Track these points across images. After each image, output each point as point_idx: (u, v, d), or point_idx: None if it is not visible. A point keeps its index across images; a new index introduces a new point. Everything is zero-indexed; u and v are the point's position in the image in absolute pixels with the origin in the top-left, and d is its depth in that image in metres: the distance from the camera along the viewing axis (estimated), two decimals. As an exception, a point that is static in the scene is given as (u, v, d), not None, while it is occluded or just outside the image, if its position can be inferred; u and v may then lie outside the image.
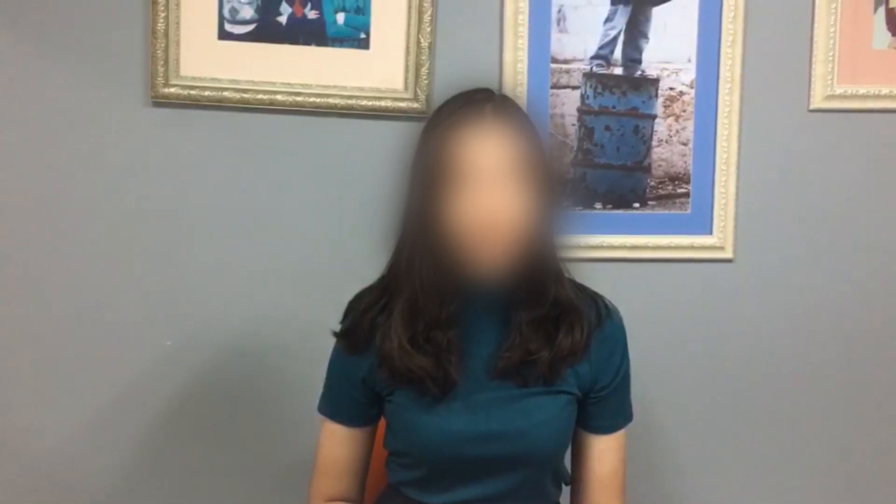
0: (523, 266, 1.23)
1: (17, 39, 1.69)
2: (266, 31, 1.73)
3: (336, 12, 1.74)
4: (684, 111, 1.83)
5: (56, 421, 1.75)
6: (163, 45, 1.69)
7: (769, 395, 1.89)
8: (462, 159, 1.20)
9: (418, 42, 1.75)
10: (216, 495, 1.80)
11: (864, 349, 1.90)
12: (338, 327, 1.35)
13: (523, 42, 1.78)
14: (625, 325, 1.35)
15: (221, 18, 1.72)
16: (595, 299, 1.33)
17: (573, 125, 1.82)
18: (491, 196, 1.19)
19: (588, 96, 1.81)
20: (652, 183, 1.84)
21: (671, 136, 1.83)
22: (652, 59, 1.82)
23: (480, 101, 1.24)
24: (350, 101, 1.75)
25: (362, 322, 1.30)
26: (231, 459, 1.79)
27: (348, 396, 1.33)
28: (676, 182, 1.84)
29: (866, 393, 1.90)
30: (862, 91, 1.84)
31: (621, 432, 1.35)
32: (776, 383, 1.89)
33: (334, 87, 1.75)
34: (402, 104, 1.76)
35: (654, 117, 1.83)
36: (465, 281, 1.24)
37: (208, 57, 1.72)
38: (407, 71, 1.76)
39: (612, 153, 1.83)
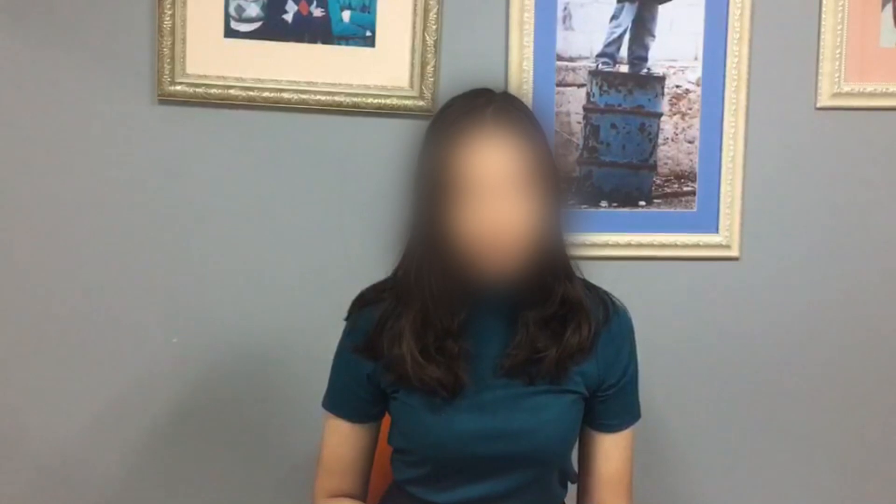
0: (531, 268, 1.22)
1: (24, 37, 1.69)
2: (272, 28, 1.73)
3: (342, 10, 1.74)
4: (690, 109, 1.83)
5: (61, 419, 1.75)
6: (169, 42, 1.70)
7: (775, 393, 1.89)
8: (465, 171, 1.18)
9: (424, 40, 1.74)
10: (221, 491, 1.80)
11: (870, 347, 1.89)
12: (340, 328, 1.35)
13: (529, 40, 1.77)
14: (632, 323, 1.34)
15: (227, 16, 1.72)
16: (603, 298, 1.33)
17: (579, 123, 1.82)
18: (496, 206, 1.18)
19: (594, 94, 1.81)
20: (658, 181, 1.84)
21: (677, 135, 1.83)
22: (658, 57, 1.82)
23: (481, 106, 1.21)
24: (356, 99, 1.75)
25: (377, 331, 1.29)
26: (235, 457, 1.80)
27: (353, 393, 1.33)
28: (682, 180, 1.84)
29: (872, 391, 1.90)
30: (869, 89, 1.83)
31: (628, 431, 1.35)
32: (782, 382, 1.89)
33: (340, 84, 1.75)
34: (408, 102, 1.76)
35: (660, 115, 1.83)
36: (474, 287, 1.24)
37: (214, 55, 1.72)
38: (413, 69, 1.76)
39: (617, 151, 1.83)
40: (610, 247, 1.83)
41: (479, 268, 1.21)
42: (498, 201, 1.18)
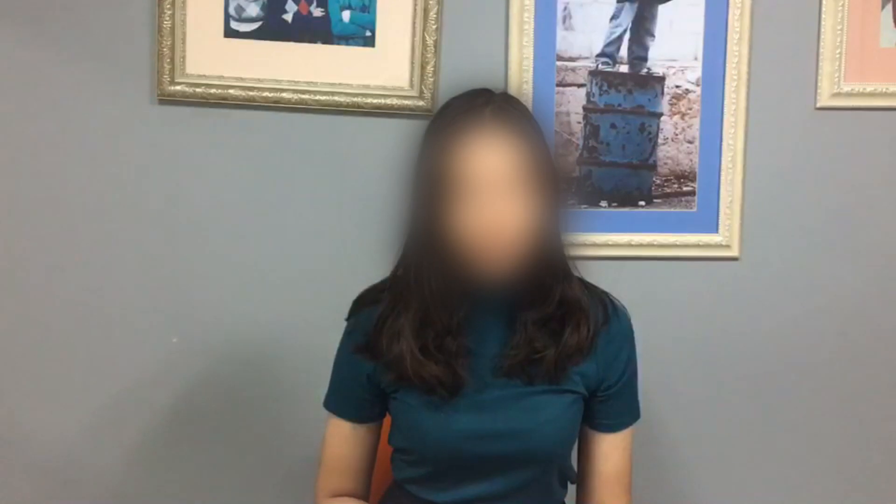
0: (529, 268, 1.22)
1: (24, 38, 1.69)
2: (272, 28, 1.73)
3: (342, 10, 1.74)
4: (690, 109, 1.83)
5: (61, 418, 1.75)
6: (169, 42, 1.70)
7: (774, 393, 1.89)
8: (463, 170, 1.18)
9: (424, 40, 1.74)
10: (222, 491, 1.80)
11: (869, 348, 1.89)
12: (343, 325, 1.35)
13: (529, 40, 1.77)
14: (632, 323, 1.34)
15: (227, 16, 1.72)
16: (602, 298, 1.32)
17: (579, 123, 1.82)
18: (495, 205, 1.18)
19: (594, 94, 1.81)
20: (658, 181, 1.84)
21: (677, 134, 1.83)
22: (658, 57, 1.81)
23: (480, 106, 1.21)
24: (356, 99, 1.75)
25: (376, 330, 1.29)
26: (236, 456, 1.80)
27: (353, 393, 1.33)
28: (682, 180, 1.84)
29: (871, 391, 1.90)
30: (869, 89, 1.83)
31: (628, 430, 1.35)
32: (781, 381, 1.89)
33: (340, 84, 1.75)
34: (408, 102, 1.76)
35: (659, 115, 1.83)
36: (472, 285, 1.24)
37: (214, 55, 1.72)
38: (412, 69, 1.75)
39: (617, 151, 1.83)
40: (610, 246, 1.83)
41: (477, 266, 1.21)
42: (496, 200, 1.18)
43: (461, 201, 1.18)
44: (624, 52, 1.81)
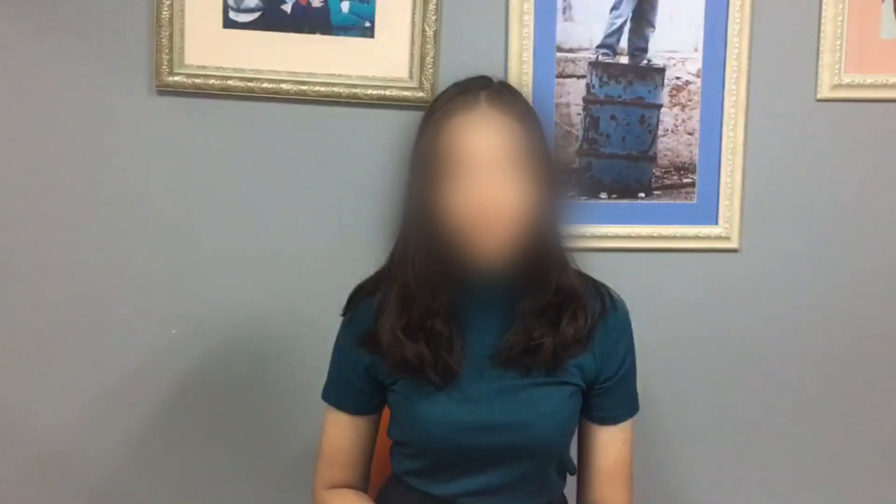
0: (525, 254, 1.23)
1: (22, 28, 1.68)
2: (271, 19, 1.73)
3: (341, 1, 1.74)
4: (690, 101, 1.82)
5: (60, 410, 1.75)
6: (167, 33, 1.69)
7: (773, 385, 1.89)
8: (456, 149, 1.19)
9: (423, 30, 1.74)
10: (221, 483, 1.80)
11: (869, 341, 1.89)
12: (339, 319, 1.35)
13: (529, 31, 1.77)
14: (630, 315, 1.34)
15: (226, 7, 1.72)
16: (600, 290, 1.33)
17: (578, 115, 1.81)
18: (486, 186, 1.18)
19: (594, 86, 1.81)
20: (657, 173, 1.84)
21: (677, 126, 1.83)
22: (658, 49, 1.81)
23: (475, 89, 1.23)
24: (355, 90, 1.74)
25: (376, 321, 1.29)
26: (236, 448, 1.80)
27: (352, 385, 1.33)
28: (682, 172, 1.84)
29: (871, 385, 1.90)
30: (870, 80, 1.83)
31: (627, 423, 1.35)
32: (781, 374, 1.89)
33: (339, 75, 1.74)
34: (407, 93, 1.75)
35: (659, 107, 1.82)
36: (463, 270, 1.24)
37: (213, 45, 1.72)
38: (412, 59, 1.75)
39: (617, 143, 1.82)
40: (609, 238, 1.82)
41: (469, 248, 1.21)
42: (489, 180, 1.19)
43: (454, 181, 1.19)
44: (624, 43, 1.80)
